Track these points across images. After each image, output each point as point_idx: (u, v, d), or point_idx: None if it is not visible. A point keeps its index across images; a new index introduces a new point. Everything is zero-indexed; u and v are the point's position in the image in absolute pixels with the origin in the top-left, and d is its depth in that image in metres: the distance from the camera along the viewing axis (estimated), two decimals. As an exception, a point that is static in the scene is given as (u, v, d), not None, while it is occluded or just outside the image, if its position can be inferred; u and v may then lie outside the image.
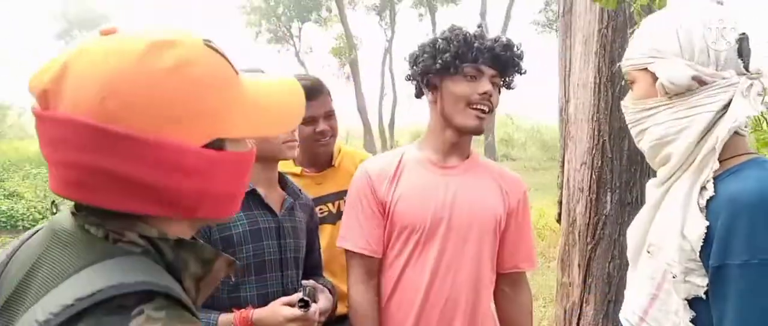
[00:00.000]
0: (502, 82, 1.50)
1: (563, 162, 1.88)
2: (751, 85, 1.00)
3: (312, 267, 1.60)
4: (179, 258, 0.63)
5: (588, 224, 1.71)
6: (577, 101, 1.75)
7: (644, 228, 1.09)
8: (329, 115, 1.74)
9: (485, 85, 1.41)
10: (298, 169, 1.81)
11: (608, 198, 1.65)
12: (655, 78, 1.03)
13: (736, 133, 0.99)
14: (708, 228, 0.94)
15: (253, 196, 1.41)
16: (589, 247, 1.70)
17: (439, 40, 1.45)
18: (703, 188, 0.97)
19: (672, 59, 1.02)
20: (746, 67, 1.01)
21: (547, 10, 18.33)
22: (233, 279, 1.33)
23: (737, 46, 1.00)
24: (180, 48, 0.60)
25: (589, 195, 1.71)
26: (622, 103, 1.14)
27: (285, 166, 1.78)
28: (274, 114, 0.70)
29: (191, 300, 0.63)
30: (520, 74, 1.52)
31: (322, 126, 1.72)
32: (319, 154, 1.79)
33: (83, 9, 34.22)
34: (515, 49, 1.46)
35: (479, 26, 1.49)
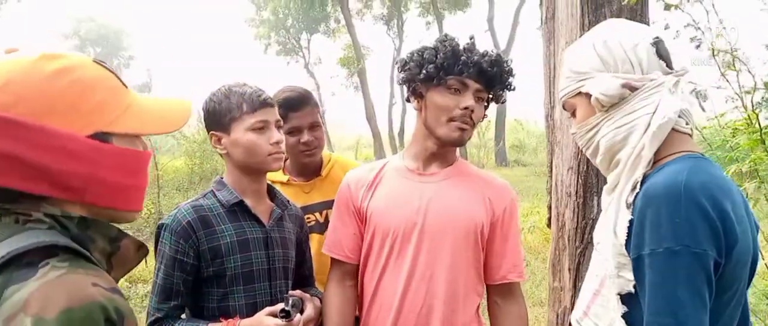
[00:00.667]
0: (488, 96, 1.48)
1: (551, 167, 1.89)
2: (678, 81, 1.04)
3: (303, 278, 1.63)
4: (85, 235, 0.74)
5: (576, 228, 1.72)
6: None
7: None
8: (314, 127, 1.77)
9: (468, 100, 1.40)
10: (285, 178, 1.85)
11: (595, 202, 1.67)
12: (589, 97, 1.08)
13: (675, 130, 1.03)
14: (631, 221, 0.98)
15: (241, 207, 1.45)
16: (578, 251, 1.71)
17: (427, 50, 1.45)
18: (635, 186, 1.01)
19: (599, 76, 1.07)
20: (669, 67, 1.05)
21: (554, 14, 18.21)
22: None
23: (655, 49, 1.05)
24: (66, 59, 0.75)
25: (576, 200, 1.72)
26: (571, 132, 1.18)
27: (272, 175, 1.82)
28: (158, 118, 0.83)
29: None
30: (509, 90, 1.50)
31: (306, 137, 1.75)
32: (305, 165, 1.82)
33: (97, 26, 34.84)
34: (504, 65, 1.45)
35: (471, 38, 1.48)
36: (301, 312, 1.40)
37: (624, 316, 1.01)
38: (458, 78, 1.40)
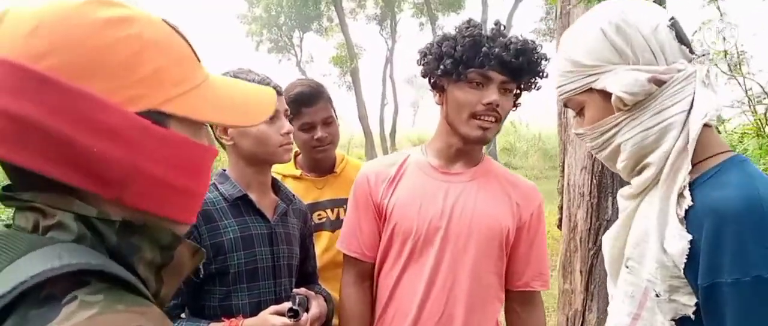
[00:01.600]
0: (517, 87, 1.37)
1: (563, 166, 1.84)
2: (708, 71, 0.91)
3: (307, 275, 1.57)
4: (127, 243, 0.55)
5: (589, 230, 1.67)
6: (576, 104, 1.71)
7: (622, 240, 1.00)
8: (328, 122, 1.70)
9: (491, 94, 1.30)
10: (297, 172, 1.79)
11: (609, 203, 1.62)
12: (604, 94, 0.94)
13: (705, 125, 0.90)
14: (691, 241, 0.85)
15: (244, 202, 1.38)
16: (591, 253, 1.66)
17: (446, 41, 1.34)
18: (681, 196, 0.88)
19: (615, 69, 0.92)
20: (691, 51, 0.92)
21: (547, 18, 18.37)
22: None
23: (674, 32, 0.91)
24: (124, 9, 0.56)
25: (590, 200, 1.67)
26: (576, 133, 1.04)
27: (285, 168, 1.76)
28: (234, 107, 0.64)
29: (152, 291, 0.57)
30: (540, 78, 1.37)
31: (320, 133, 1.69)
32: (319, 160, 1.76)
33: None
34: (532, 52, 1.32)
35: (496, 24, 1.36)
36: (307, 310, 1.33)
37: None
38: (480, 71, 1.30)
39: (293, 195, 1.52)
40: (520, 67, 1.31)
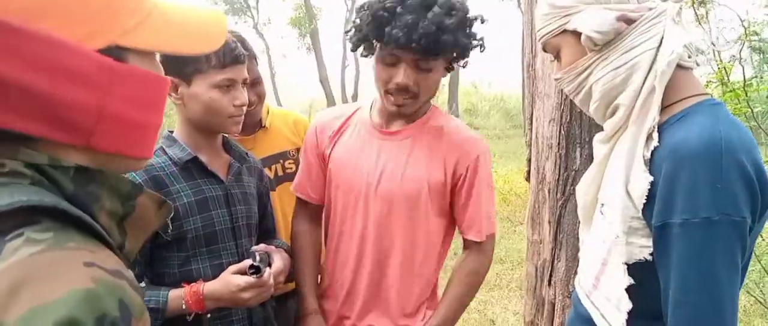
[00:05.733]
0: (442, 63, 1.28)
1: (531, 119, 1.81)
2: (680, 8, 0.91)
3: (266, 231, 1.53)
4: (85, 192, 0.52)
5: (558, 180, 1.66)
6: (544, 56, 1.67)
7: (596, 185, 1.00)
8: (255, 83, 1.58)
9: (399, 75, 1.23)
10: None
11: (578, 153, 1.60)
12: (577, 35, 0.94)
13: (680, 66, 0.89)
14: (652, 183, 0.84)
15: (195, 164, 1.31)
16: (560, 204, 1.65)
17: (360, 13, 1.27)
18: (649, 137, 0.87)
19: (587, 8, 0.92)
20: None
21: (507, -23, 18.23)
22: (171, 227, 1.23)
23: None
24: None
25: (558, 152, 1.65)
26: (554, 78, 1.03)
27: None
28: (188, 33, 0.61)
29: (117, 244, 0.54)
30: (465, 56, 1.29)
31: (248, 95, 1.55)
32: (245, 123, 1.62)
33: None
34: (446, 29, 1.17)
35: None
36: (269, 265, 1.30)
37: (637, 288, 0.89)
38: (387, 50, 1.23)
39: (247, 153, 1.45)
40: (430, 46, 1.17)
